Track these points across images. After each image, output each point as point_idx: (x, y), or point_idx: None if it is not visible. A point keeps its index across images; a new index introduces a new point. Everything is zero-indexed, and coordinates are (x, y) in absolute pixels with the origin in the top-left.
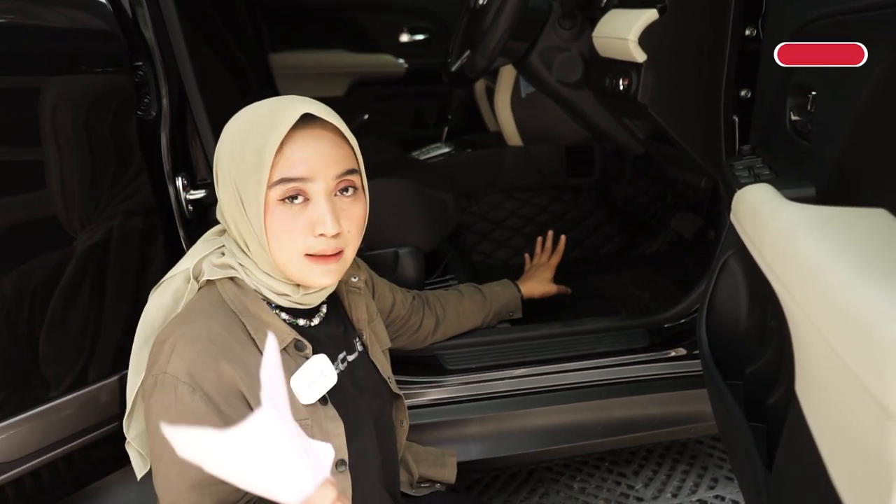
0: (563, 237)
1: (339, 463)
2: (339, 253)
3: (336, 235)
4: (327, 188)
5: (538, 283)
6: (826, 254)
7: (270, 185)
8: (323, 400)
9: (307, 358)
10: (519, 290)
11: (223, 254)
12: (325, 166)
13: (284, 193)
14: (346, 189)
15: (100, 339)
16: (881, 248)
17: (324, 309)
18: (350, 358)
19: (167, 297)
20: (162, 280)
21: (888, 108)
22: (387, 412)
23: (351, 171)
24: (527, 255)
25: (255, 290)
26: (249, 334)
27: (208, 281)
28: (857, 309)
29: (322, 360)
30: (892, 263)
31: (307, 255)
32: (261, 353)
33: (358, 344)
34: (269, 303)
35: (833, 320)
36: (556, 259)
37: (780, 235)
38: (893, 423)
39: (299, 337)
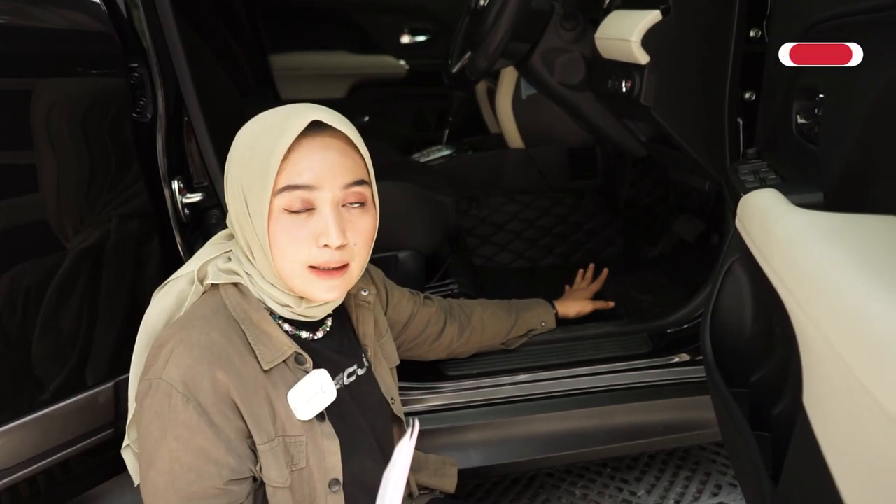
0: (605, 270)
1: (332, 483)
2: (344, 267)
3: (341, 247)
4: (334, 198)
5: (574, 301)
6: (837, 263)
7: (276, 193)
8: (320, 416)
9: (307, 372)
10: (553, 307)
11: (230, 259)
12: (332, 175)
13: (290, 203)
14: (354, 202)
15: (95, 345)
16: (893, 257)
17: (329, 322)
18: (355, 373)
19: (170, 300)
20: (165, 282)
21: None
22: (389, 429)
23: (360, 182)
24: (567, 287)
25: (259, 300)
26: (249, 344)
27: (213, 285)
28: (871, 322)
29: (322, 375)
30: None
31: (311, 266)
32: (259, 363)
33: (364, 359)
34: (273, 313)
35: (845, 333)
36: (595, 286)
37: (788, 243)
38: None
39: (300, 350)
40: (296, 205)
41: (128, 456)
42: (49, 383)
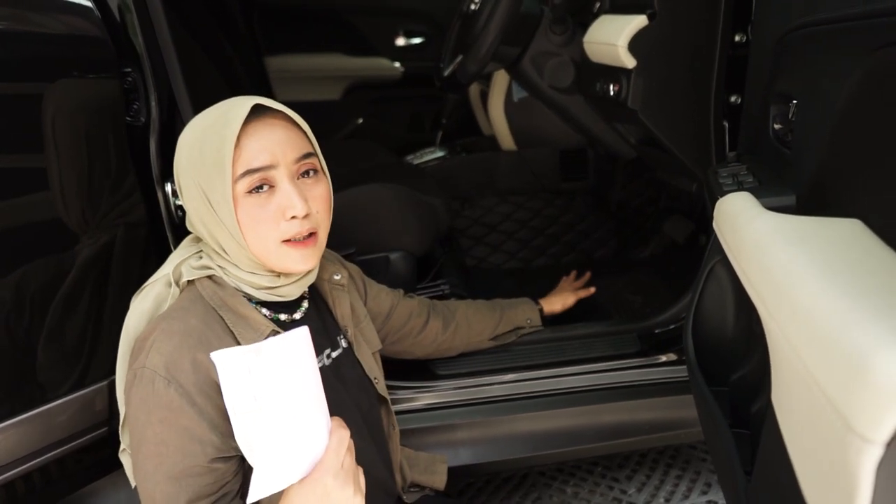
0: (587, 273)
1: None
2: (313, 235)
3: (306, 216)
4: (289, 173)
5: (558, 296)
6: (796, 265)
7: (236, 180)
8: None
9: None
10: (538, 303)
11: (201, 257)
12: (283, 152)
13: (250, 185)
14: (306, 172)
15: (90, 343)
16: (851, 259)
17: (305, 304)
18: (334, 354)
19: (148, 303)
20: (142, 286)
21: (861, 118)
22: (376, 409)
23: (308, 155)
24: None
25: (236, 288)
26: (229, 328)
27: (188, 282)
28: (822, 321)
29: None
30: (860, 276)
31: (283, 241)
32: (238, 345)
33: (342, 341)
34: (250, 298)
35: (800, 331)
36: (578, 283)
37: (755, 245)
38: (855, 437)
39: (277, 329)
40: (256, 186)
41: (125, 459)
42: (44, 381)
